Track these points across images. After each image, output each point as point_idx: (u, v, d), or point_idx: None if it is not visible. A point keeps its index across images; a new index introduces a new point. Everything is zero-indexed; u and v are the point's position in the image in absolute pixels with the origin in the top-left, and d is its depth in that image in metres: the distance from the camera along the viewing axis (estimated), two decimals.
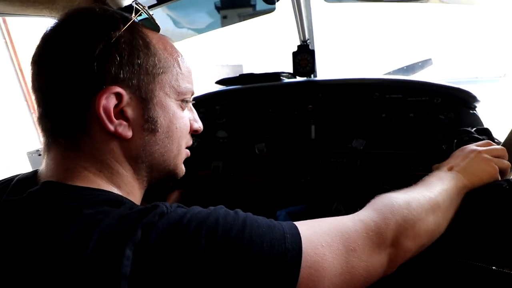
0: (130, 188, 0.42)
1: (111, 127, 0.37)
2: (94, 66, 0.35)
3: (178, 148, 0.46)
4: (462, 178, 0.53)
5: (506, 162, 0.55)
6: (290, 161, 1.14)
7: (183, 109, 0.45)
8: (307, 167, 1.12)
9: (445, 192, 0.49)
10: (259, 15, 0.86)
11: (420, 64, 1.49)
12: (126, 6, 0.78)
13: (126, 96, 0.37)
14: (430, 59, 1.50)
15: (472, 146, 0.58)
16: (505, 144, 0.75)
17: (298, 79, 1.12)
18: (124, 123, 0.38)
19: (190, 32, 0.98)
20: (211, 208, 0.36)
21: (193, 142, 1.14)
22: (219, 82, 1.18)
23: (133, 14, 0.42)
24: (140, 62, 0.38)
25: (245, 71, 1.22)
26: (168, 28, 0.93)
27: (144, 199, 1.05)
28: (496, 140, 0.68)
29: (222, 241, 0.31)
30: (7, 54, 3.70)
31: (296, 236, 0.35)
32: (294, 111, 1.08)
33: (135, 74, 0.38)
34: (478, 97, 0.86)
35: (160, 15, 0.89)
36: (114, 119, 0.37)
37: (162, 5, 0.78)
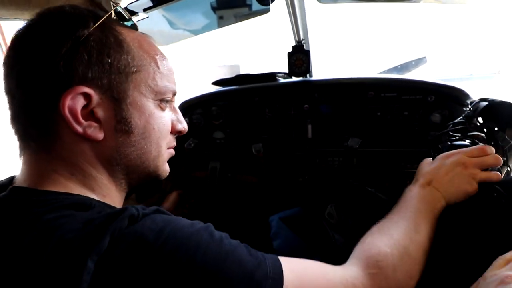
0: (106, 191, 0.41)
1: (79, 129, 0.35)
2: (60, 66, 0.34)
3: (158, 149, 0.44)
4: (441, 199, 0.48)
5: (494, 175, 0.48)
6: (287, 161, 1.15)
7: (162, 109, 0.43)
8: (304, 166, 1.13)
9: (428, 225, 0.46)
10: (254, 16, 0.87)
11: (414, 62, 1.50)
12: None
13: (95, 97, 0.36)
14: (424, 57, 1.52)
15: (460, 156, 0.49)
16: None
17: (294, 79, 1.12)
18: (95, 124, 0.37)
19: (186, 33, 0.98)
20: (196, 226, 0.34)
21: (190, 143, 1.16)
22: (216, 83, 1.18)
23: (113, 12, 0.42)
24: (111, 60, 0.37)
25: (242, 71, 1.23)
26: (164, 29, 0.93)
27: (142, 200, 1.06)
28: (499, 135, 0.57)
29: (199, 274, 0.30)
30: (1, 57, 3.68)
31: (278, 280, 0.34)
32: (290, 111, 1.09)
33: (106, 74, 0.36)
34: (471, 95, 0.88)
35: (156, 16, 0.90)
36: (82, 120, 0.35)
37: (157, 7, 0.79)
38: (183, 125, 0.49)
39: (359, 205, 0.83)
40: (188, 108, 1.21)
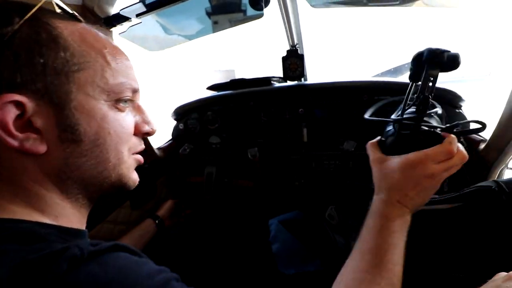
0: (59, 211, 0.35)
1: (14, 143, 0.30)
2: None
3: (117, 156, 0.38)
4: (408, 214, 0.43)
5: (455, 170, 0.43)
6: (283, 165, 1.14)
7: (120, 110, 0.38)
8: (300, 170, 1.13)
9: (401, 247, 0.41)
10: (248, 21, 0.87)
11: (407, 65, 1.52)
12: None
13: (30, 104, 0.31)
14: None
15: (427, 167, 0.41)
16: (491, 140, 0.77)
17: (289, 83, 1.13)
18: (34, 135, 0.32)
19: (181, 38, 0.99)
20: (155, 279, 0.30)
21: (185, 148, 1.16)
22: (211, 88, 1.18)
23: (56, 7, 0.36)
24: (45, 60, 0.31)
25: (238, 76, 1.23)
26: (158, 35, 0.93)
27: (136, 207, 1.03)
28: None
29: None
30: None
31: None
32: (285, 115, 1.09)
33: (40, 76, 0.31)
34: (463, 97, 0.89)
35: (149, 22, 0.89)
36: (16, 133, 0.30)
37: (150, 13, 0.79)
38: (150, 126, 0.43)
39: (360, 205, 0.83)
40: (183, 113, 1.20)
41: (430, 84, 0.43)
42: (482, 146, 0.82)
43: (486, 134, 0.82)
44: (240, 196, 1.15)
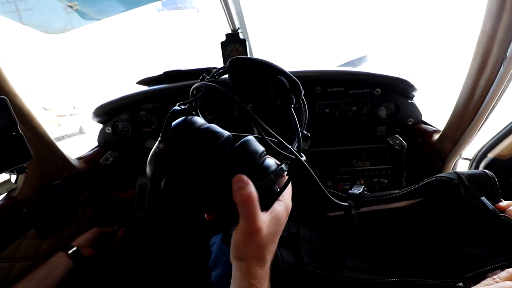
0: None
1: None
2: None
3: None
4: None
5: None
6: None
7: None
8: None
9: None
10: None
11: (355, 61, 1.51)
12: None
13: None
14: (365, 56, 1.54)
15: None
16: (445, 131, 0.73)
17: None
18: None
19: (88, 16, 0.76)
20: None
21: (107, 157, 0.94)
22: (141, 82, 0.99)
23: None
24: None
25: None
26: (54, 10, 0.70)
27: (45, 235, 0.78)
28: None
29: None
30: None
31: None
32: (232, 112, 0.95)
33: None
34: (416, 86, 0.85)
35: None
36: None
37: None
38: None
39: (315, 212, 0.72)
40: (110, 112, 0.99)
41: None
42: (436, 137, 0.79)
43: (440, 125, 0.79)
44: (181, 211, 0.97)
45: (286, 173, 0.36)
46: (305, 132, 0.38)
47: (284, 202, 0.35)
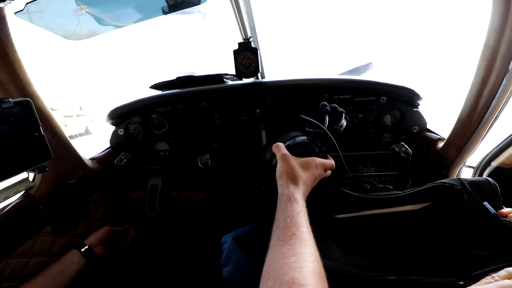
0: None
1: None
2: None
3: None
4: (303, 191, 0.54)
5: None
6: (241, 171, 1.03)
7: None
8: (260, 176, 1.03)
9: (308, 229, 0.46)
10: (186, 7, 0.74)
11: (361, 68, 1.53)
12: None
13: None
14: (370, 63, 1.56)
15: (317, 165, 0.62)
16: (449, 139, 0.75)
17: (244, 81, 1.02)
18: None
19: (107, 24, 0.81)
20: None
21: (121, 158, 0.98)
22: (154, 87, 1.02)
23: None
24: None
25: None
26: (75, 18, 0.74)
27: (60, 233, 0.82)
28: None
29: None
30: None
31: None
32: (242, 117, 0.98)
33: None
34: (421, 95, 0.87)
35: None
36: None
37: None
38: None
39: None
40: (123, 115, 1.02)
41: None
42: (441, 144, 0.81)
43: (444, 133, 0.80)
44: (192, 212, 1.00)
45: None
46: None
47: (319, 161, 0.63)
